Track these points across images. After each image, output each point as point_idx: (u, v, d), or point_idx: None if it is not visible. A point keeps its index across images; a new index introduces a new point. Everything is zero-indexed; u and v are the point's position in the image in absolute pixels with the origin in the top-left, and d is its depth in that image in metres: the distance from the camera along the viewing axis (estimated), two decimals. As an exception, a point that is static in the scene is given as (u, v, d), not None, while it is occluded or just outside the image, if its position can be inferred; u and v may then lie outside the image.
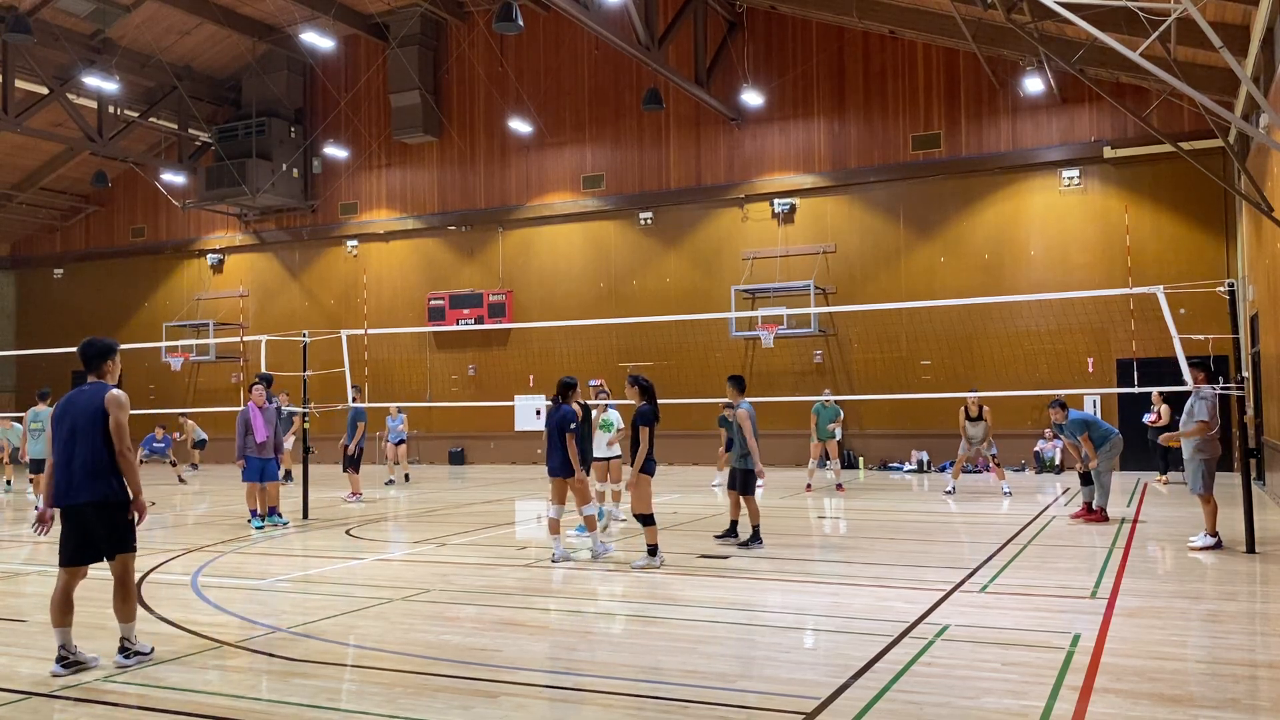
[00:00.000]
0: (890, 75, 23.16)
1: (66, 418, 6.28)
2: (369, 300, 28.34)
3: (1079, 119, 21.59)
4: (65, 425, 6.27)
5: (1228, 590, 8.47)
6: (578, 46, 26.09)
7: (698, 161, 25.03)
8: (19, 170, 30.71)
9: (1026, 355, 21.26)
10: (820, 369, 23.20)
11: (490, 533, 12.83)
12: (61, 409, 6.34)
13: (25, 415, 16.32)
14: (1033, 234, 21.92)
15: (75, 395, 6.35)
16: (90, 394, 6.31)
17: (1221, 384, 10.53)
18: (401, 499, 17.50)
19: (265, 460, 13.34)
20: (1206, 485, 10.35)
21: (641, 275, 25.41)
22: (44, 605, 8.32)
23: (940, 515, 13.97)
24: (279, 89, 28.48)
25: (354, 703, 5.44)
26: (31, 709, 5.38)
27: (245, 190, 27.70)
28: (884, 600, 7.86)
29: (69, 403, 6.34)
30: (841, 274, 23.40)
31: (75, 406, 6.29)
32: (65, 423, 6.27)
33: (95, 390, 6.33)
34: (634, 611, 7.62)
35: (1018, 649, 6.30)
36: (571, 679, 5.76)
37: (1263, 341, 16.03)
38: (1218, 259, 20.32)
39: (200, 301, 30.88)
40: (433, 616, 7.68)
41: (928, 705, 5.19)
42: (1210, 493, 10.38)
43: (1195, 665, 5.96)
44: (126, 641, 6.29)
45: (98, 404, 6.24)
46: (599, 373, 24.48)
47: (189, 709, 5.33)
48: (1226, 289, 10.73)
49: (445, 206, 27.74)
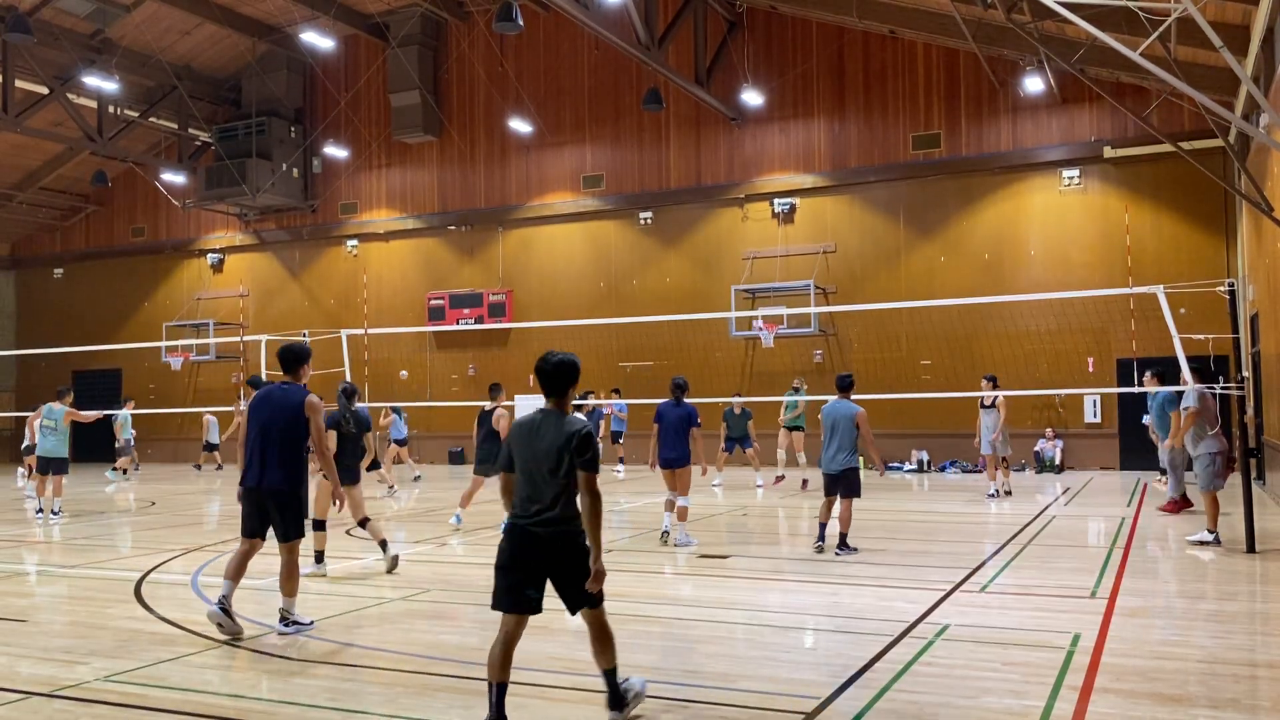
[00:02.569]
0: (890, 75, 23.16)
1: (264, 410, 7.02)
2: (369, 300, 28.34)
3: (1079, 119, 21.59)
4: (261, 417, 7.00)
5: (1228, 590, 8.47)
6: (578, 46, 26.08)
7: (698, 161, 25.03)
8: (19, 170, 30.71)
9: (1026, 355, 21.26)
10: (820, 369, 23.19)
11: (490, 533, 12.83)
12: (259, 402, 7.09)
13: (40, 410, 15.84)
14: (1033, 234, 21.91)
15: (272, 391, 7.14)
16: (287, 394, 7.07)
17: (1221, 384, 10.53)
18: (402, 499, 17.50)
19: None
20: (1215, 482, 10.36)
21: (641, 275, 25.40)
22: (44, 606, 8.32)
23: (940, 515, 13.97)
24: (279, 89, 28.48)
25: (354, 703, 5.44)
26: (31, 709, 5.38)
27: (245, 190, 27.70)
28: (884, 600, 7.86)
29: (266, 397, 7.09)
30: (841, 274, 23.39)
31: (272, 402, 7.03)
32: (261, 415, 7.01)
33: (292, 391, 7.09)
34: (634, 611, 7.62)
35: (1018, 649, 6.30)
36: (571, 679, 5.76)
37: (1263, 341, 16.03)
38: (1218, 259, 20.32)
39: (200, 301, 30.88)
40: (433, 616, 7.68)
41: (928, 705, 5.19)
42: (1216, 489, 10.39)
43: (1195, 665, 5.96)
44: (287, 612, 7.04)
45: (295, 404, 7.02)
46: (599, 373, 24.52)
47: (189, 709, 5.33)
48: (1226, 289, 10.73)
49: (445, 206, 27.74)
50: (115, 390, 29.93)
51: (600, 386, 23.51)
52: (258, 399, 7.13)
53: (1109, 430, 21.12)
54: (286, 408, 7.00)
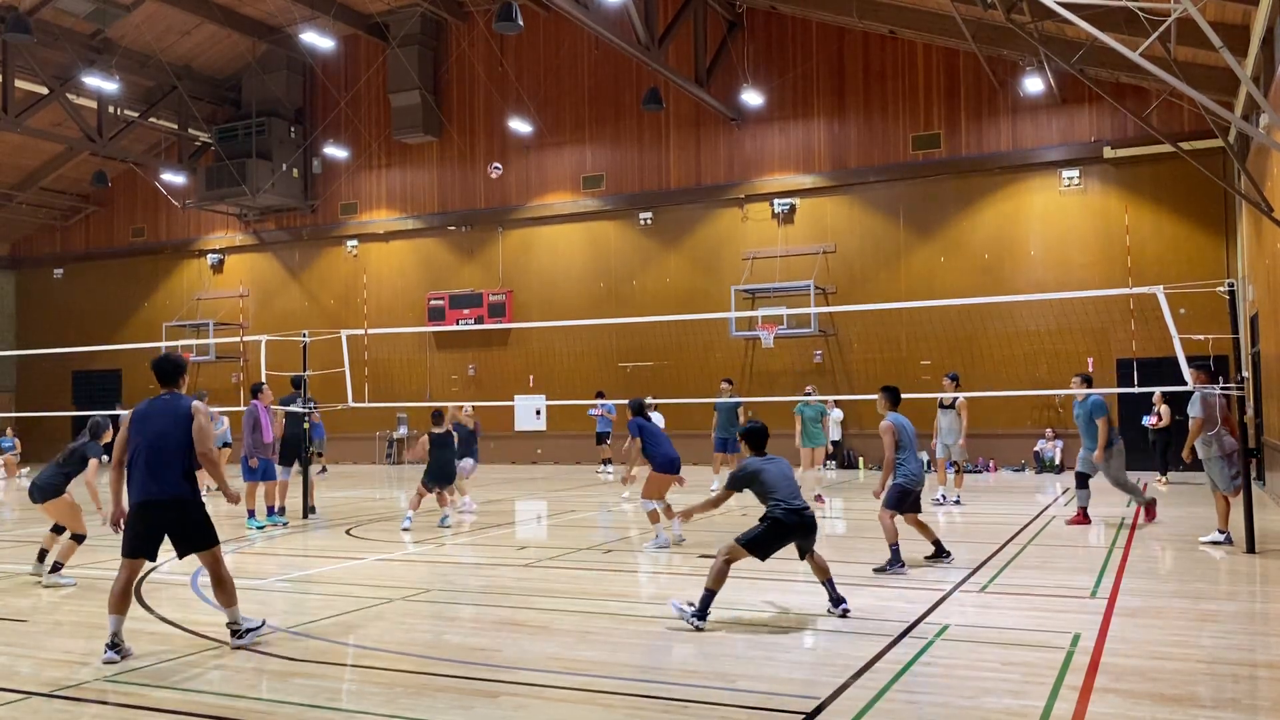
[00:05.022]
0: (890, 75, 23.16)
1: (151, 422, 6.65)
2: (369, 300, 28.34)
3: (1079, 119, 21.59)
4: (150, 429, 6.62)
5: (1228, 590, 8.47)
6: (578, 46, 26.08)
7: (697, 161, 25.03)
8: (19, 170, 30.71)
9: (1026, 355, 21.26)
10: (820, 369, 23.19)
11: (490, 533, 12.84)
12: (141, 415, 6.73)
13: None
14: (1032, 234, 21.91)
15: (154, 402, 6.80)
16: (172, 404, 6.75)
17: (1221, 384, 10.52)
18: (401, 499, 17.49)
19: (267, 461, 13.39)
20: (1229, 483, 10.32)
21: (641, 275, 25.40)
22: (44, 606, 8.32)
23: (940, 515, 13.97)
24: (279, 89, 28.48)
25: (354, 703, 5.44)
26: (31, 709, 5.38)
27: (245, 190, 27.71)
28: (884, 600, 7.86)
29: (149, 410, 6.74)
30: (841, 274, 23.39)
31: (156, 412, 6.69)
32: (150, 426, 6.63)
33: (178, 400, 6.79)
34: (634, 611, 7.62)
35: (1018, 649, 6.30)
36: (571, 679, 5.76)
37: (1263, 341, 16.02)
38: (1218, 259, 20.32)
39: (200, 301, 30.88)
40: (433, 616, 7.68)
41: (927, 705, 5.19)
42: (1235, 490, 10.33)
43: (1195, 665, 5.96)
44: (234, 623, 6.65)
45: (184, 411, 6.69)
46: (599, 373, 24.53)
47: (189, 709, 5.33)
48: (1226, 289, 10.72)
49: (445, 206, 27.74)
50: (115, 390, 29.95)
51: (600, 387, 23.51)
52: (139, 412, 6.79)
53: (1109, 430, 21.08)
54: (174, 416, 6.64)
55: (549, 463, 26.17)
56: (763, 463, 7.62)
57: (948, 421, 14.90)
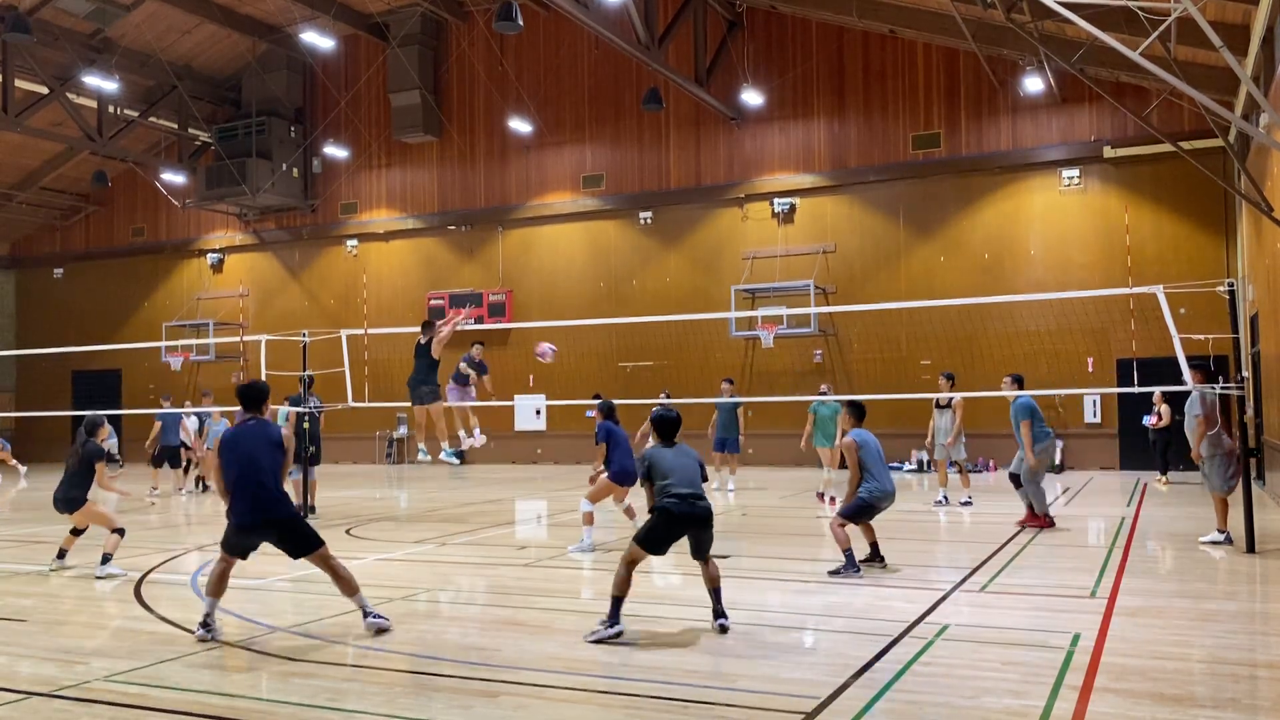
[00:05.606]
0: (890, 75, 23.16)
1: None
2: (369, 300, 28.33)
3: (1079, 119, 21.59)
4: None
5: (1228, 590, 8.47)
6: (578, 46, 26.08)
7: (697, 161, 25.03)
8: (19, 170, 30.71)
9: (1026, 355, 21.24)
10: (820, 369, 23.19)
11: (490, 533, 12.84)
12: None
13: None
14: (1033, 234, 21.91)
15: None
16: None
17: (1221, 384, 10.52)
18: (401, 499, 17.51)
19: None
20: (1225, 484, 10.33)
21: (641, 275, 25.40)
22: (44, 606, 8.31)
23: (940, 515, 13.97)
24: (279, 89, 28.48)
25: (354, 703, 5.44)
26: (31, 709, 5.38)
27: (245, 190, 27.71)
28: (884, 600, 7.86)
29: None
30: (841, 274, 23.39)
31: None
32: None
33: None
34: (634, 611, 7.62)
35: (1018, 649, 6.30)
36: (571, 679, 5.76)
37: (1263, 341, 16.03)
38: (1218, 259, 20.32)
39: (200, 301, 30.88)
40: (433, 616, 7.68)
41: (928, 705, 5.18)
42: (1229, 491, 10.34)
43: (1195, 665, 5.96)
44: (363, 607, 7.06)
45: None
46: (599, 373, 24.52)
47: (189, 709, 5.33)
48: (1226, 289, 10.72)
49: (445, 206, 27.74)
50: (115, 390, 29.94)
51: (600, 387, 23.48)
52: (230, 436, 7.13)
53: (1109, 430, 21.12)
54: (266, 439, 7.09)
55: (549, 462, 26.17)
56: (662, 450, 7.15)
57: (944, 422, 14.84)
